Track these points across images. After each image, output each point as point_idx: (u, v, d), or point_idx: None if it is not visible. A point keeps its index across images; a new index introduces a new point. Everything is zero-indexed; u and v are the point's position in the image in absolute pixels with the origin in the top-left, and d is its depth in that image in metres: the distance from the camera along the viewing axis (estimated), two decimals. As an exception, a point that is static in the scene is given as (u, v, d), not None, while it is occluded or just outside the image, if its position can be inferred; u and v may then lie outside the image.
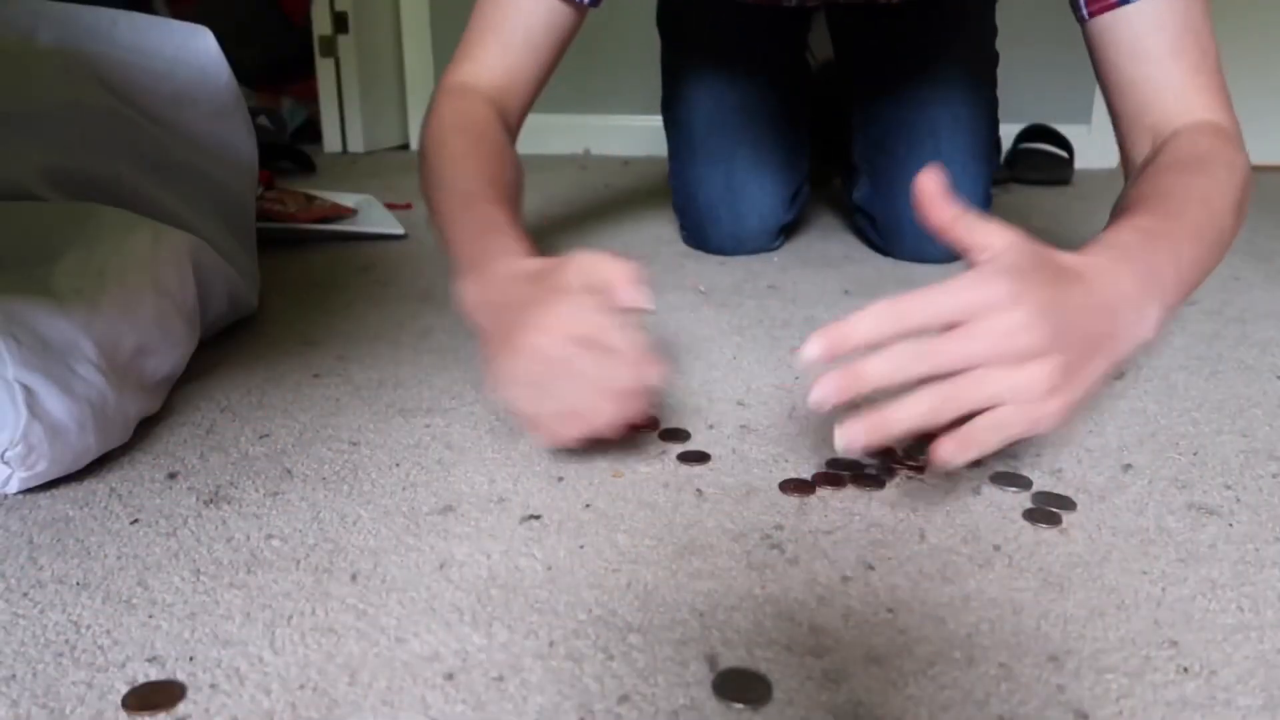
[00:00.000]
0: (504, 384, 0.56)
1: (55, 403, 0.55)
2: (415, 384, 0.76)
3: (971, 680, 0.40)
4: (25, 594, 0.47)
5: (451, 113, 0.86)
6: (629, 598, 0.46)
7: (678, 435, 0.66)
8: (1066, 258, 0.52)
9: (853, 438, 0.47)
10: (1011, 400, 0.46)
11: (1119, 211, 0.65)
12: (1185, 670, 0.41)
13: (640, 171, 1.73)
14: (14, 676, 0.41)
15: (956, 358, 0.46)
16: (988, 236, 0.50)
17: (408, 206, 1.57)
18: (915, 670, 0.41)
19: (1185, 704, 0.39)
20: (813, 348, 0.46)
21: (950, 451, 0.46)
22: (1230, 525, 0.53)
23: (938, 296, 0.47)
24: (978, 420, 0.46)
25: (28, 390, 0.54)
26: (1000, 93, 1.25)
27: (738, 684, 0.40)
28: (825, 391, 0.46)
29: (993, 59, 1.25)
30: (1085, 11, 0.75)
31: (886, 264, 1.17)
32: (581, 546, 0.51)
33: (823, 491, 0.57)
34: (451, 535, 0.53)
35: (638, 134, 2.31)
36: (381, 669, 0.41)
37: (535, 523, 0.54)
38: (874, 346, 0.47)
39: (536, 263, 0.60)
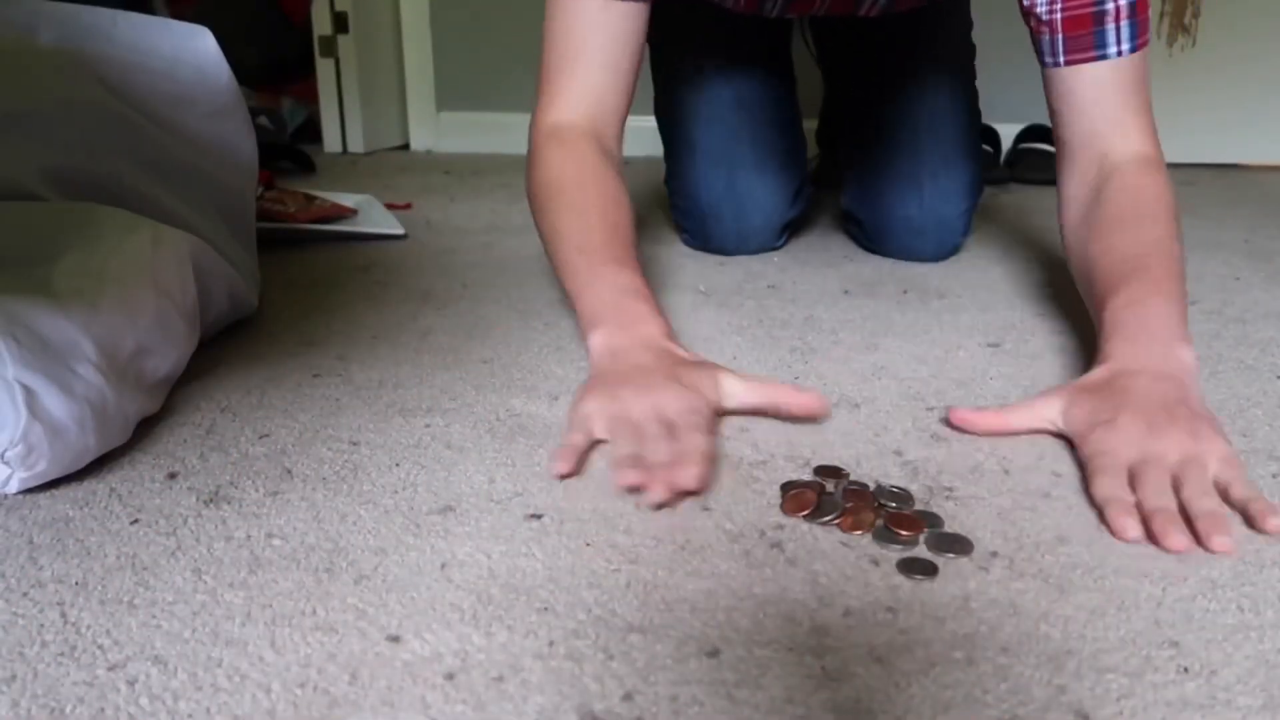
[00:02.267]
0: (588, 411, 0.63)
1: (55, 403, 0.55)
2: (415, 384, 0.76)
3: (972, 680, 0.40)
4: (25, 594, 0.47)
5: (559, 162, 0.87)
6: (629, 598, 0.46)
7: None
8: (1099, 374, 0.65)
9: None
10: (1217, 466, 0.56)
11: (1098, 276, 0.75)
12: (1185, 670, 0.41)
13: (640, 171, 1.73)
14: (14, 676, 0.41)
15: (1167, 486, 0.55)
16: (1043, 410, 0.65)
17: (408, 207, 1.57)
18: (916, 670, 0.41)
19: (1185, 704, 0.39)
20: (1129, 530, 0.53)
21: (1273, 516, 0.53)
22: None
23: (1118, 464, 0.57)
24: (1239, 494, 0.55)
25: (28, 390, 0.54)
26: (1000, 93, 1.26)
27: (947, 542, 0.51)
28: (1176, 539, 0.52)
29: (970, 51, 1.25)
30: (1061, 59, 0.84)
31: (886, 264, 1.17)
32: (582, 546, 0.51)
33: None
34: (452, 535, 0.53)
35: (637, 134, 2.31)
36: (381, 669, 0.41)
37: (535, 522, 0.54)
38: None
39: (676, 349, 0.69)
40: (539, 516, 0.55)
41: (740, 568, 0.49)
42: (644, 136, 1.48)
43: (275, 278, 1.09)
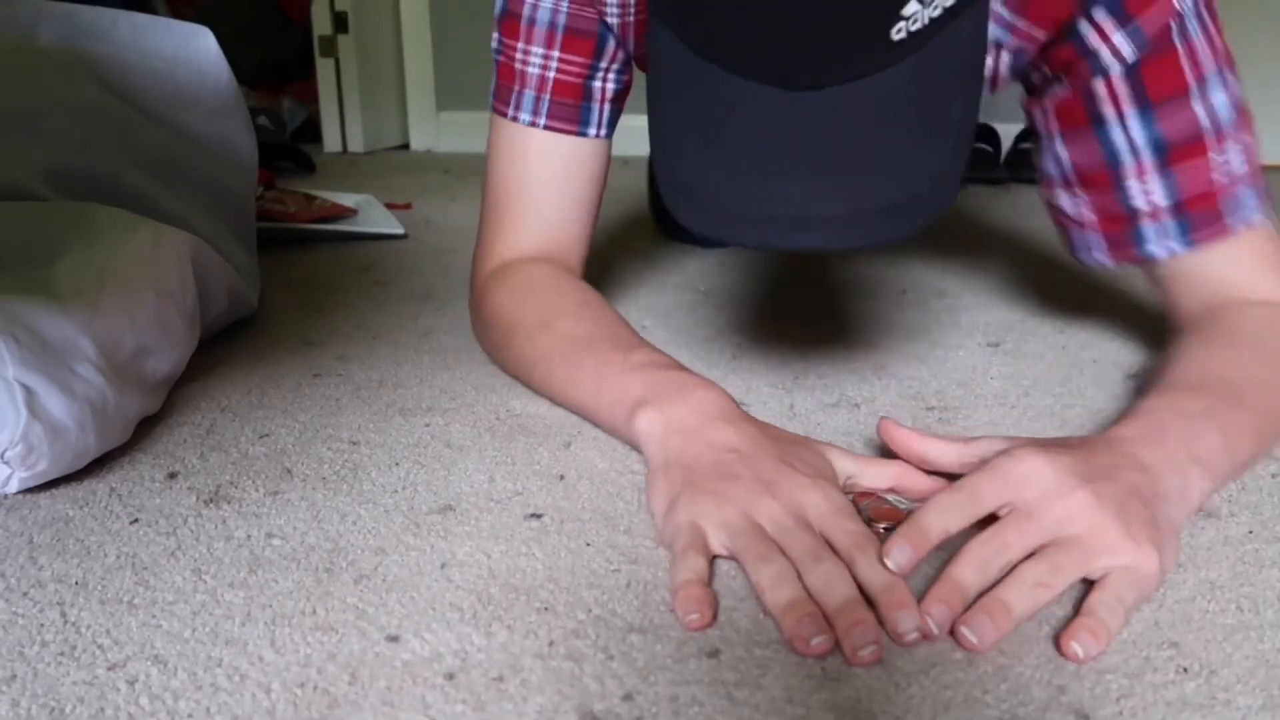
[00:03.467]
0: (687, 520, 0.49)
1: (55, 403, 0.55)
2: (415, 384, 0.76)
3: (972, 680, 0.40)
4: (25, 594, 0.47)
5: (510, 293, 0.74)
6: (629, 598, 0.46)
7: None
8: (1081, 439, 0.52)
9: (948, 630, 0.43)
10: (1109, 567, 0.44)
11: (1171, 372, 0.60)
12: (1185, 670, 0.41)
13: (640, 172, 1.73)
14: (14, 676, 0.41)
15: (1031, 545, 0.45)
16: (987, 445, 0.53)
17: (408, 206, 1.57)
18: (916, 670, 0.41)
19: (1185, 704, 0.39)
20: (900, 558, 0.44)
21: (1091, 646, 0.41)
22: (1229, 526, 0.53)
23: (992, 483, 0.47)
24: (1094, 601, 0.43)
25: (28, 390, 0.54)
26: (1000, 94, 1.25)
27: None
28: (937, 618, 0.43)
29: None
30: (1190, 238, 0.66)
31: (885, 263, 1.17)
32: (583, 546, 0.51)
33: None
34: (452, 535, 0.53)
35: (638, 134, 2.31)
36: (381, 669, 0.41)
37: (536, 522, 0.54)
38: (948, 539, 0.46)
39: (757, 420, 0.57)
40: (539, 516, 0.55)
41: (740, 568, 0.49)
42: (645, 136, 1.48)
43: (275, 278, 1.09)
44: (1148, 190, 0.67)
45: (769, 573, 0.45)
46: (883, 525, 0.52)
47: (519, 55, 0.75)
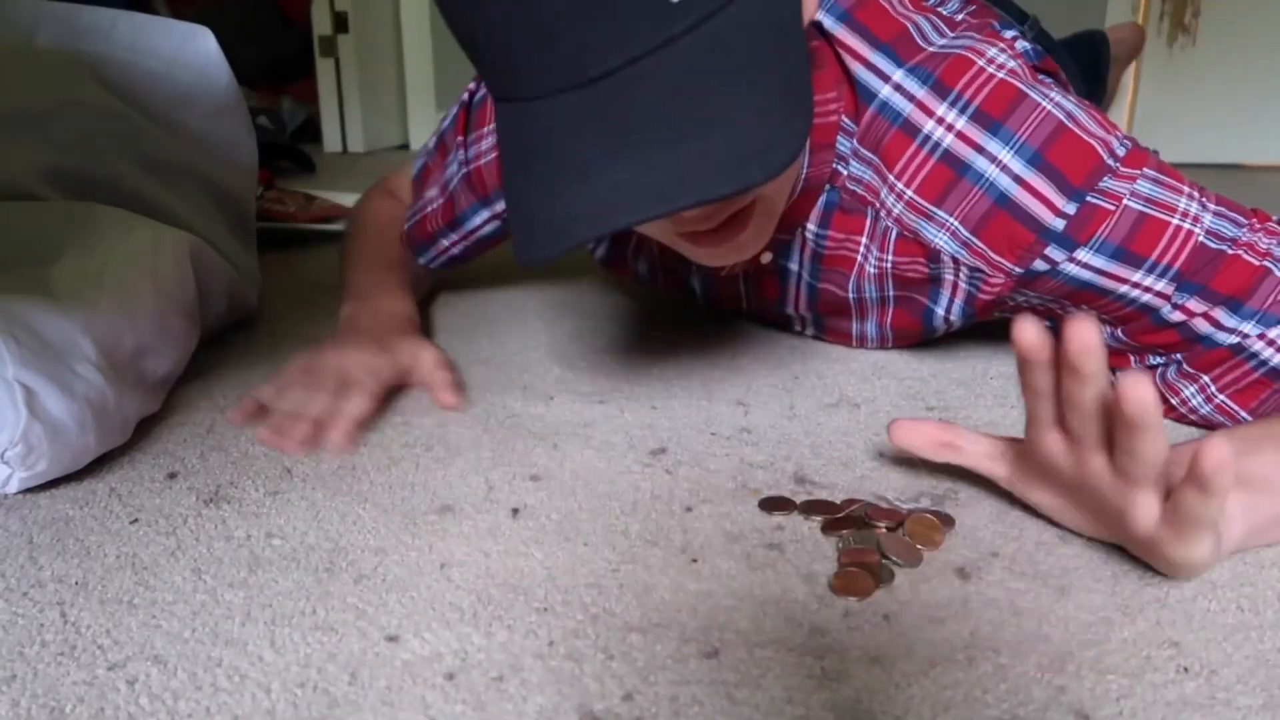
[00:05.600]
0: (290, 365, 0.70)
1: (55, 403, 0.55)
2: (415, 384, 0.76)
3: (972, 680, 0.40)
4: (25, 594, 0.47)
5: (380, 211, 0.98)
6: (628, 598, 0.46)
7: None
8: None
9: None
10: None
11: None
12: (1185, 670, 0.41)
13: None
14: (14, 676, 0.41)
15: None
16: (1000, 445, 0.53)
17: (408, 206, 1.57)
18: (916, 671, 0.41)
19: (1185, 704, 0.39)
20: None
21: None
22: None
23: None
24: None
25: (28, 390, 0.54)
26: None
27: None
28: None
29: None
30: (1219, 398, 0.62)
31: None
32: (582, 546, 0.51)
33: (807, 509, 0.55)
34: (450, 535, 0.52)
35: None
36: (381, 669, 0.41)
37: (534, 522, 0.54)
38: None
39: (407, 325, 0.79)
40: (538, 516, 0.55)
41: (740, 568, 0.49)
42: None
43: (275, 278, 1.09)
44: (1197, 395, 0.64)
45: (286, 400, 0.67)
46: (883, 524, 0.52)
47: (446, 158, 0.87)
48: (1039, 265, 0.62)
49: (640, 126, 0.47)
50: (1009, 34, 0.66)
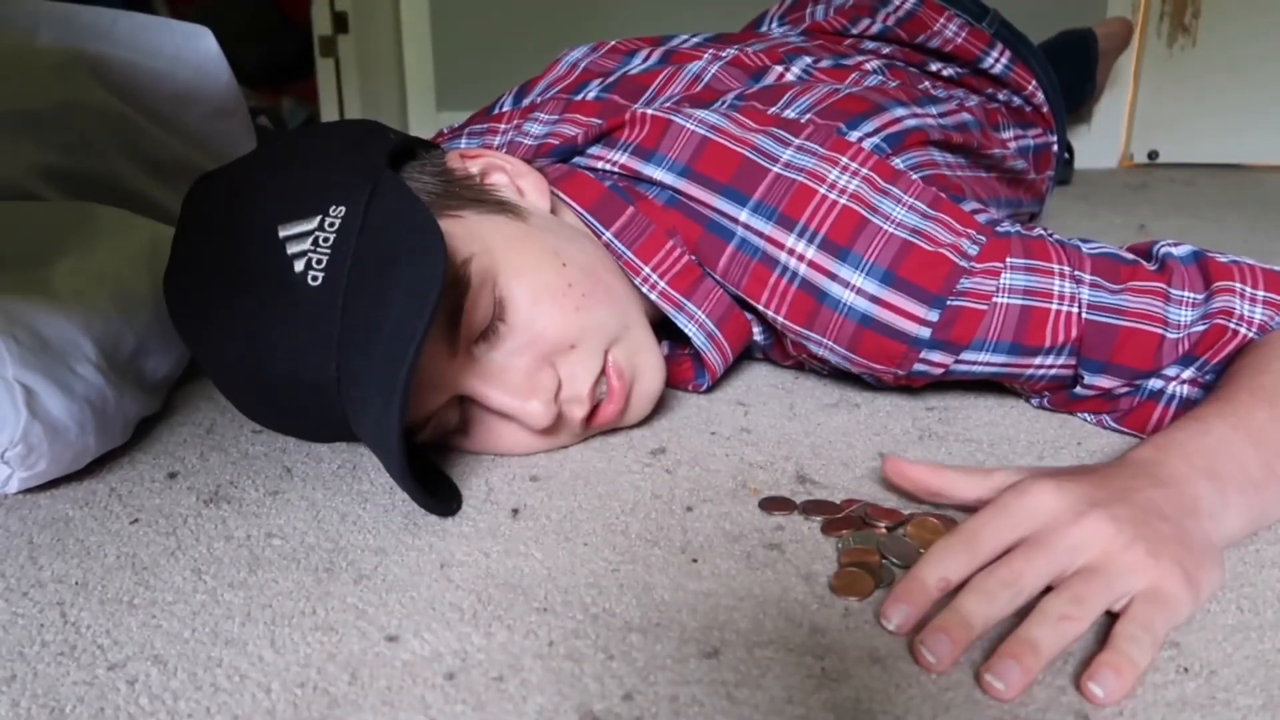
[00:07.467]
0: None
1: (55, 403, 0.55)
2: (415, 384, 0.76)
3: (971, 680, 0.40)
4: (25, 594, 0.47)
5: None
6: (628, 598, 0.46)
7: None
8: (1097, 466, 0.50)
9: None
10: (1133, 591, 0.42)
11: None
12: (1185, 670, 0.41)
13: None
14: (14, 676, 0.41)
15: (1044, 575, 0.43)
16: (1005, 476, 0.51)
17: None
18: (916, 670, 0.41)
19: (1185, 704, 0.39)
20: (898, 617, 0.43)
21: (1114, 687, 0.39)
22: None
23: (994, 521, 0.45)
24: (1117, 634, 0.40)
25: (28, 390, 0.54)
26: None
27: None
28: (936, 652, 0.41)
29: None
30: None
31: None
32: (582, 546, 0.51)
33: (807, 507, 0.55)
34: (450, 535, 0.52)
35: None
36: (381, 669, 0.41)
37: (534, 522, 0.54)
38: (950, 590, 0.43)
39: None
40: (537, 516, 0.55)
41: (740, 568, 0.49)
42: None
43: (275, 278, 1.09)
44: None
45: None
46: (883, 524, 0.52)
47: None
48: (923, 368, 0.63)
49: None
50: (854, 135, 0.67)
